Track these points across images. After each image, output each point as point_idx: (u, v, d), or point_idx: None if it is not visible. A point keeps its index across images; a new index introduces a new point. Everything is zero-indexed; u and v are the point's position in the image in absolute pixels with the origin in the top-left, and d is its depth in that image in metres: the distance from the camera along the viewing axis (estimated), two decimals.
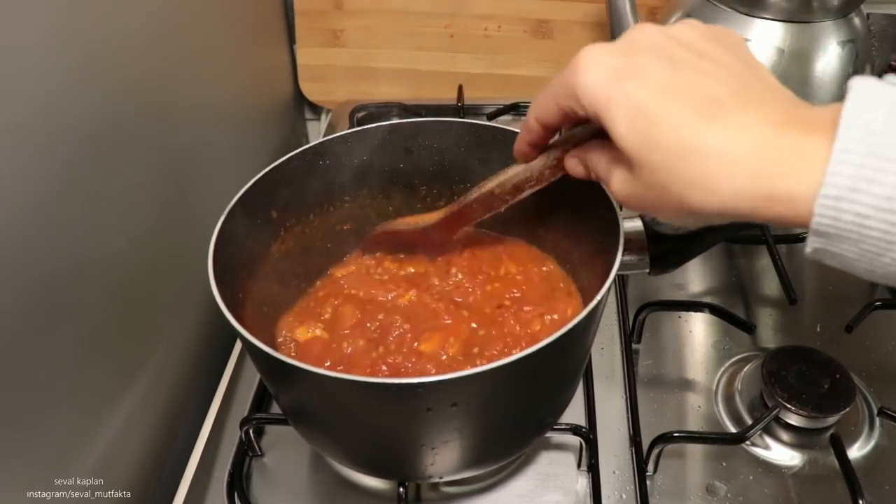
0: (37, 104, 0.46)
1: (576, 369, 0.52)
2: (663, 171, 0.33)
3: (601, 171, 0.40)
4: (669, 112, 0.33)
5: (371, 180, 0.61)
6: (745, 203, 0.31)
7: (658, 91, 0.33)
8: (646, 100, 0.33)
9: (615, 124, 0.34)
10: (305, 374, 0.40)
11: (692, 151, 0.32)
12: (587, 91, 0.35)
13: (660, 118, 0.33)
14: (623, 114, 0.34)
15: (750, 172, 0.31)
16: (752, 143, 0.31)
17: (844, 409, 0.56)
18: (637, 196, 0.36)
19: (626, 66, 0.35)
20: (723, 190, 0.32)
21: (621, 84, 0.34)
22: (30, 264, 0.46)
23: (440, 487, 0.57)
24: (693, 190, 0.32)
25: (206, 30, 0.74)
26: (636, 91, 0.34)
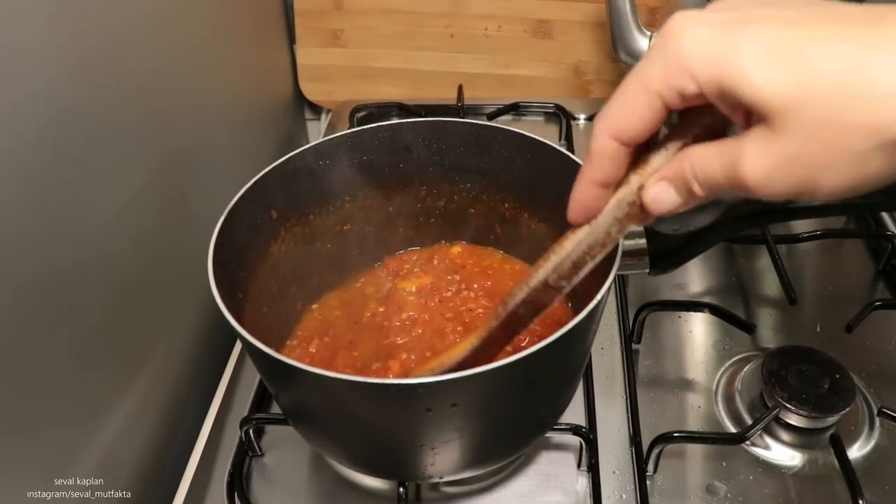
0: (36, 103, 0.46)
1: (576, 369, 0.52)
2: (834, 100, 0.26)
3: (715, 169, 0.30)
4: (822, 31, 0.26)
5: (371, 180, 0.61)
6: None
7: (794, 22, 0.27)
8: (782, 33, 0.26)
9: (746, 74, 0.26)
10: (305, 374, 0.40)
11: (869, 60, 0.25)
12: (698, 52, 0.28)
13: (812, 41, 0.26)
14: (756, 54, 0.26)
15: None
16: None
17: (844, 409, 0.56)
18: (796, 160, 0.27)
19: (738, 17, 0.28)
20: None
21: (741, 30, 0.27)
22: (30, 264, 0.46)
23: (440, 487, 0.57)
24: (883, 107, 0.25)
25: (205, 30, 0.74)
26: (763, 29, 0.27)
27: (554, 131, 0.95)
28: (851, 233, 0.80)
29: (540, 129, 0.95)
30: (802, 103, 0.26)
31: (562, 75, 1.03)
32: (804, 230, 0.75)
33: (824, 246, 0.78)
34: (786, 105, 0.26)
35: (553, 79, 1.03)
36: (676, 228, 0.50)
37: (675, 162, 0.32)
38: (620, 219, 0.34)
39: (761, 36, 0.27)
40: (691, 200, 0.32)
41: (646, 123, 0.31)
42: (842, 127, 0.26)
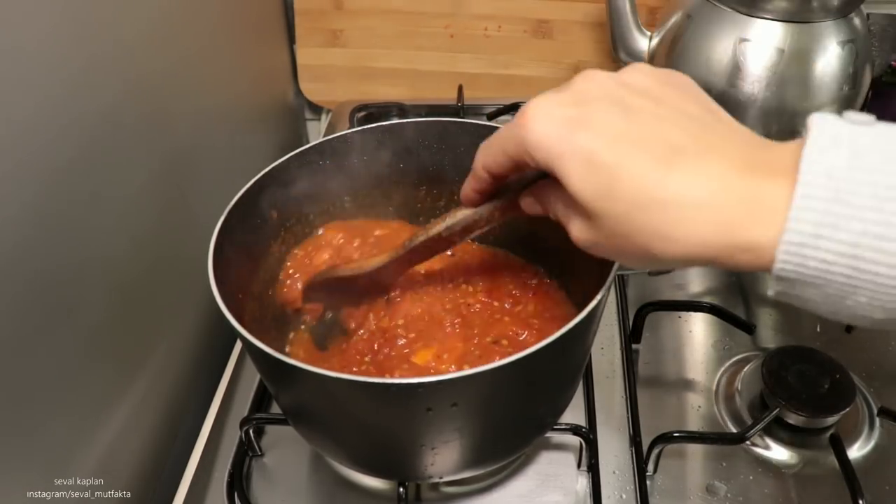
0: (37, 105, 0.46)
1: (576, 369, 0.52)
2: (624, 222, 0.32)
3: (559, 214, 0.38)
4: (627, 161, 0.32)
5: (371, 180, 0.61)
6: (708, 251, 0.31)
7: (614, 140, 0.32)
8: (601, 150, 0.32)
9: (570, 178, 0.33)
10: (305, 374, 0.40)
11: (653, 201, 0.31)
12: (538, 145, 0.34)
13: (617, 168, 0.32)
14: (577, 166, 0.33)
15: (713, 220, 0.30)
16: (714, 189, 0.30)
17: (844, 409, 0.56)
18: (598, 244, 0.35)
19: (579, 116, 0.33)
20: (685, 239, 0.31)
21: (574, 135, 0.33)
22: (30, 264, 0.46)
23: (440, 487, 0.57)
24: (655, 239, 0.32)
25: (205, 30, 0.74)
26: (590, 141, 0.32)
27: None
28: None
29: None
30: (605, 214, 0.33)
31: (562, 75, 1.03)
32: None
33: None
34: (595, 210, 0.33)
35: (553, 79, 1.03)
36: None
37: (541, 187, 0.40)
38: (501, 207, 0.44)
39: (584, 151, 0.32)
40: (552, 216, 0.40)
41: (505, 170, 0.39)
42: (628, 241, 0.33)
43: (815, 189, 0.28)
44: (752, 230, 0.29)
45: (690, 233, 0.31)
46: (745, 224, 0.30)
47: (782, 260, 0.29)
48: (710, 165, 0.31)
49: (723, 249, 0.30)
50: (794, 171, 0.28)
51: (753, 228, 0.29)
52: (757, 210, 0.29)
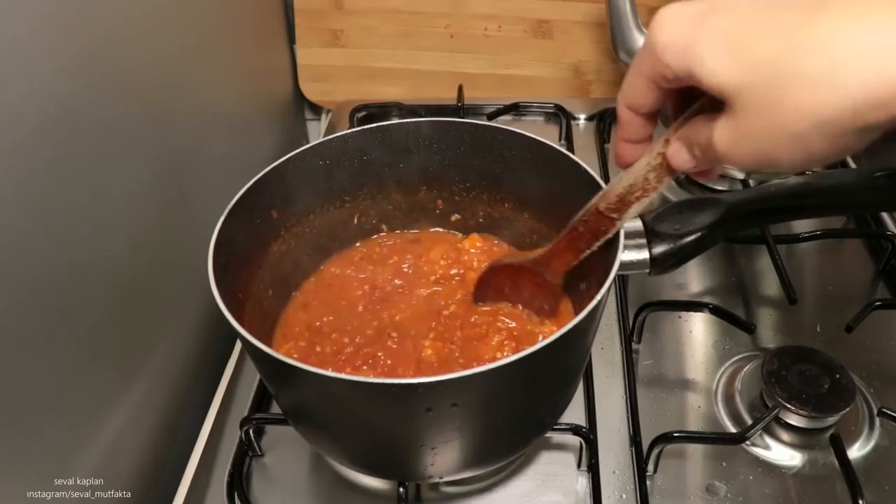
0: (36, 104, 0.46)
1: (576, 369, 0.52)
2: (772, 85, 0.29)
3: (702, 137, 0.35)
4: (764, 23, 0.29)
5: (371, 180, 0.61)
6: (881, 92, 0.26)
7: (747, 13, 0.30)
8: (734, 23, 0.30)
9: (703, 63, 0.31)
10: (305, 375, 0.40)
11: (803, 48, 0.28)
12: (668, 42, 0.32)
13: (754, 32, 0.29)
14: (711, 47, 0.30)
15: (880, 52, 0.26)
16: (874, 20, 0.26)
17: (844, 409, 0.56)
18: (748, 136, 0.31)
19: (709, 6, 0.32)
20: (851, 80, 0.27)
21: (704, 22, 0.31)
22: (30, 264, 0.46)
23: (440, 487, 0.57)
24: (816, 92, 0.27)
25: (205, 29, 0.74)
26: (721, 21, 0.30)
27: (554, 131, 0.95)
28: (851, 233, 0.80)
29: (540, 129, 0.95)
30: (747, 89, 0.30)
31: (562, 75, 1.03)
32: (804, 230, 0.75)
33: (824, 246, 0.78)
34: (735, 90, 0.30)
35: (553, 79, 1.03)
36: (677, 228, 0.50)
37: (685, 128, 0.37)
38: (655, 166, 0.41)
39: (718, 29, 0.30)
40: (699, 161, 0.37)
41: (648, 99, 0.37)
42: (779, 110, 0.29)
43: None
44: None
45: (857, 70, 0.27)
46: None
47: None
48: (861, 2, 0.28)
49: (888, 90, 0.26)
50: None
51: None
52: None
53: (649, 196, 0.43)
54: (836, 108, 0.28)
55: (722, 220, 0.51)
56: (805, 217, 0.75)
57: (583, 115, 0.98)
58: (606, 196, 0.44)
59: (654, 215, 0.51)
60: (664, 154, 0.40)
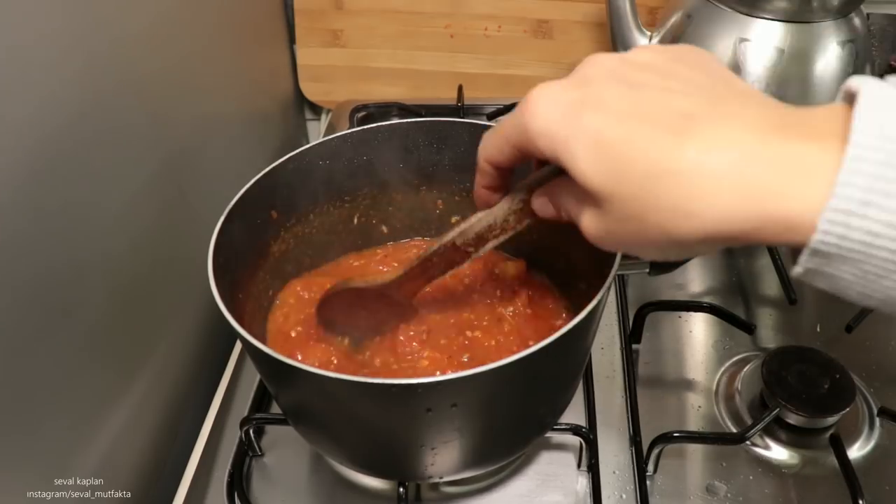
0: (37, 104, 0.46)
1: (576, 369, 0.52)
2: (636, 200, 0.30)
3: (571, 209, 0.36)
4: (635, 135, 0.29)
5: (371, 180, 0.61)
6: (734, 226, 0.28)
7: (621, 117, 0.30)
8: (607, 128, 0.30)
9: (576, 161, 0.31)
10: (305, 375, 0.40)
11: (666, 174, 0.28)
12: (542, 130, 0.32)
13: (626, 144, 0.30)
14: (583, 148, 0.31)
15: (738, 189, 0.27)
16: (737, 155, 0.28)
17: (844, 409, 0.56)
18: (612, 234, 0.33)
19: (583, 97, 0.32)
20: (706, 213, 0.28)
21: (579, 117, 0.31)
22: (30, 264, 0.46)
23: (440, 487, 0.57)
24: (673, 216, 0.29)
25: (205, 30, 0.74)
26: (596, 121, 0.30)
27: None
28: None
29: None
30: (616, 196, 0.30)
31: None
32: None
33: None
34: (604, 194, 0.31)
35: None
36: None
37: (550, 187, 0.38)
38: (516, 211, 0.41)
39: (591, 129, 0.31)
40: (564, 219, 0.37)
41: (509, 161, 0.37)
42: (643, 223, 0.30)
43: (867, 151, 0.25)
44: (786, 197, 0.27)
45: (712, 205, 0.28)
46: (778, 191, 0.27)
47: (824, 231, 0.26)
48: (729, 131, 0.28)
49: (751, 222, 0.28)
50: (837, 134, 0.26)
51: (789, 195, 0.26)
52: (793, 175, 0.27)
53: (508, 234, 0.43)
54: (693, 234, 0.29)
55: None
56: None
57: None
58: (464, 233, 0.43)
59: None
60: (528, 202, 0.40)
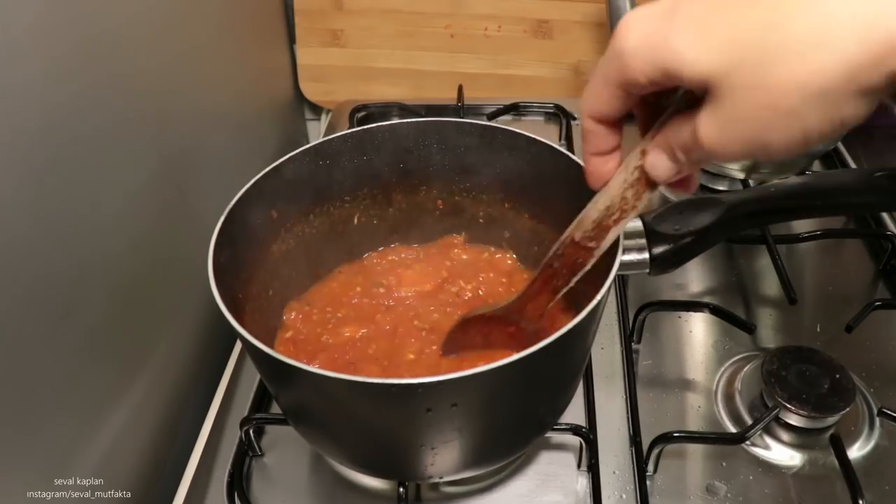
0: (36, 104, 0.46)
1: (576, 369, 0.52)
2: (759, 60, 0.27)
3: (685, 136, 0.32)
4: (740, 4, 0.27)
5: (371, 180, 0.61)
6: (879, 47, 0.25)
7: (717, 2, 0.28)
8: (708, 6, 0.28)
9: (682, 54, 0.28)
10: (305, 375, 0.40)
11: (787, 13, 0.26)
12: (640, 48, 0.30)
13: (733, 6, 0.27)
14: (687, 35, 0.28)
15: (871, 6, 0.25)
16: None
17: (844, 409, 0.56)
18: (739, 123, 0.29)
19: (672, 5, 0.30)
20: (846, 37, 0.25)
21: (674, 16, 0.29)
22: (30, 264, 0.46)
23: (440, 487, 0.57)
24: (803, 59, 0.26)
25: (205, 30, 0.74)
26: (693, 8, 0.29)
27: (554, 131, 0.95)
28: (851, 233, 0.80)
29: (540, 129, 0.95)
30: (731, 70, 0.28)
31: (562, 75, 1.03)
32: (804, 230, 0.75)
33: (824, 246, 0.78)
34: (718, 75, 0.28)
35: (553, 79, 1.03)
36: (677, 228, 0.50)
37: (662, 133, 0.35)
38: (632, 182, 0.37)
39: (690, 16, 0.28)
40: (681, 165, 0.34)
41: (615, 109, 0.35)
42: (768, 86, 0.27)
43: None
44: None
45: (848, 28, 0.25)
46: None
47: None
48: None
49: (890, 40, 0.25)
50: None
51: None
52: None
53: (628, 217, 0.39)
54: (830, 74, 0.26)
55: (722, 220, 0.51)
56: (805, 217, 0.75)
57: None
58: (582, 224, 0.40)
59: (654, 215, 0.51)
60: (641, 167, 0.36)
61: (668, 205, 0.52)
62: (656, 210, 0.52)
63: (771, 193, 0.52)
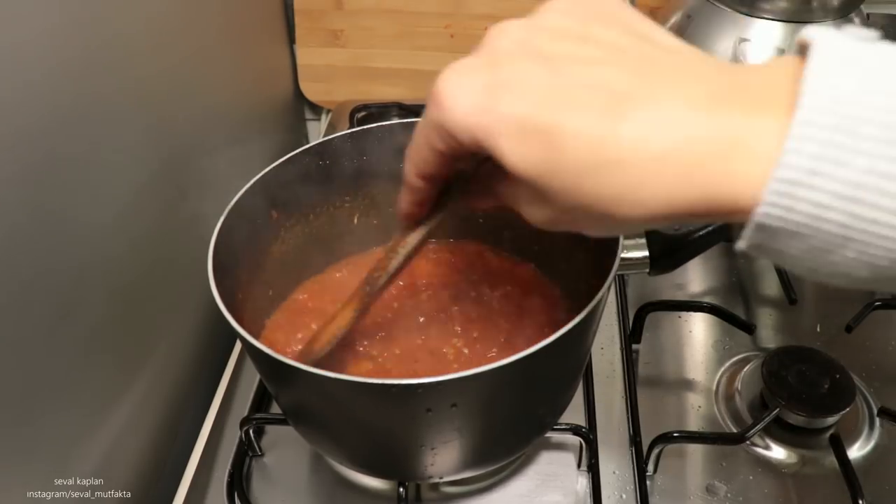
0: (36, 104, 0.46)
1: (576, 369, 0.52)
2: (576, 192, 0.27)
3: (507, 198, 0.34)
4: (564, 122, 0.27)
5: (371, 180, 0.61)
6: (678, 209, 0.26)
7: (542, 101, 0.27)
8: (530, 115, 0.27)
9: (505, 155, 0.28)
10: (305, 375, 0.40)
11: (605, 163, 0.26)
12: (460, 124, 0.29)
13: (554, 133, 0.27)
14: (508, 139, 0.28)
15: (681, 172, 0.25)
16: (678, 136, 0.25)
17: (844, 409, 0.56)
18: (556, 221, 0.31)
19: (496, 79, 0.29)
20: (650, 200, 0.26)
21: (497, 103, 0.28)
22: (30, 265, 0.46)
23: (440, 487, 0.57)
24: (616, 205, 0.27)
25: (205, 29, 0.74)
26: (515, 107, 0.28)
27: None
28: None
29: None
30: (553, 188, 0.28)
31: None
32: None
33: None
34: (539, 179, 0.28)
35: None
36: (677, 228, 0.50)
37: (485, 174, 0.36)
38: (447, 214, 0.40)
39: (514, 116, 0.28)
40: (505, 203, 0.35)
41: (438, 167, 0.34)
42: (587, 213, 0.28)
43: (817, 115, 0.23)
44: (731, 174, 0.25)
45: (656, 192, 0.26)
46: (722, 168, 0.25)
47: (769, 203, 0.24)
48: (668, 107, 0.26)
49: (696, 203, 0.26)
50: (786, 96, 0.24)
51: (733, 172, 0.24)
52: (737, 149, 0.24)
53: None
54: (639, 217, 0.27)
55: None
56: None
57: None
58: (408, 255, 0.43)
59: None
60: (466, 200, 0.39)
61: None
62: None
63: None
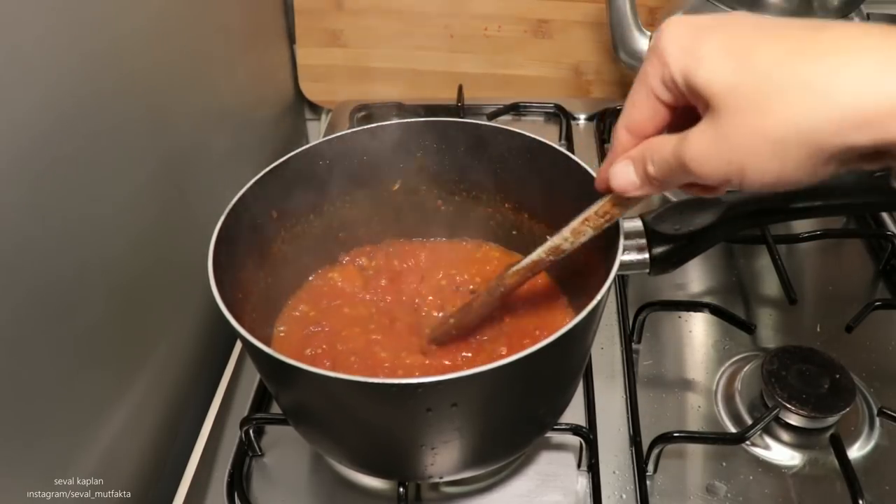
0: (36, 104, 0.46)
1: (576, 369, 0.52)
2: (765, 89, 0.29)
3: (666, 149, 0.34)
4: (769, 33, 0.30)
5: (371, 180, 0.61)
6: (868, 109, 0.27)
7: (751, 28, 0.31)
8: (739, 33, 0.31)
9: (702, 62, 0.31)
10: (305, 375, 0.40)
11: (802, 54, 0.28)
12: (673, 43, 0.33)
13: (758, 39, 0.30)
14: (713, 49, 0.31)
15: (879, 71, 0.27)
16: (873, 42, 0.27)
17: (844, 409, 0.56)
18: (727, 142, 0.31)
19: (711, 22, 0.32)
20: (845, 91, 0.27)
21: (710, 32, 0.32)
22: (30, 265, 0.46)
23: (440, 487, 0.57)
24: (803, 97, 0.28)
25: (206, 30, 0.74)
26: (726, 31, 0.31)
27: (554, 131, 0.95)
28: (851, 233, 0.80)
29: (540, 129, 0.95)
30: (739, 90, 0.30)
31: (562, 75, 1.03)
32: (804, 230, 0.75)
33: (824, 246, 0.78)
34: (724, 91, 0.30)
35: (553, 79, 1.03)
36: (677, 228, 0.50)
37: (641, 146, 0.37)
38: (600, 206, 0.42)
39: (722, 37, 0.31)
40: (648, 183, 0.36)
41: (647, 115, 0.36)
42: (766, 113, 0.29)
43: None
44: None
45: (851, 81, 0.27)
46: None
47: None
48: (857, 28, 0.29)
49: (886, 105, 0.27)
50: None
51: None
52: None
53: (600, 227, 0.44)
54: (822, 119, 0.28)
55: (722, 220, 0.51)
56: (805, 217, 0.75)
57: (583, 115, 0.98)
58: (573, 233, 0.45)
59: (654, 215, 0.51)
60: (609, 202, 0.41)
61: (668, 205, 0.52)
62: (656, 210, 0.52)
63: (771, 194, 0.52)
